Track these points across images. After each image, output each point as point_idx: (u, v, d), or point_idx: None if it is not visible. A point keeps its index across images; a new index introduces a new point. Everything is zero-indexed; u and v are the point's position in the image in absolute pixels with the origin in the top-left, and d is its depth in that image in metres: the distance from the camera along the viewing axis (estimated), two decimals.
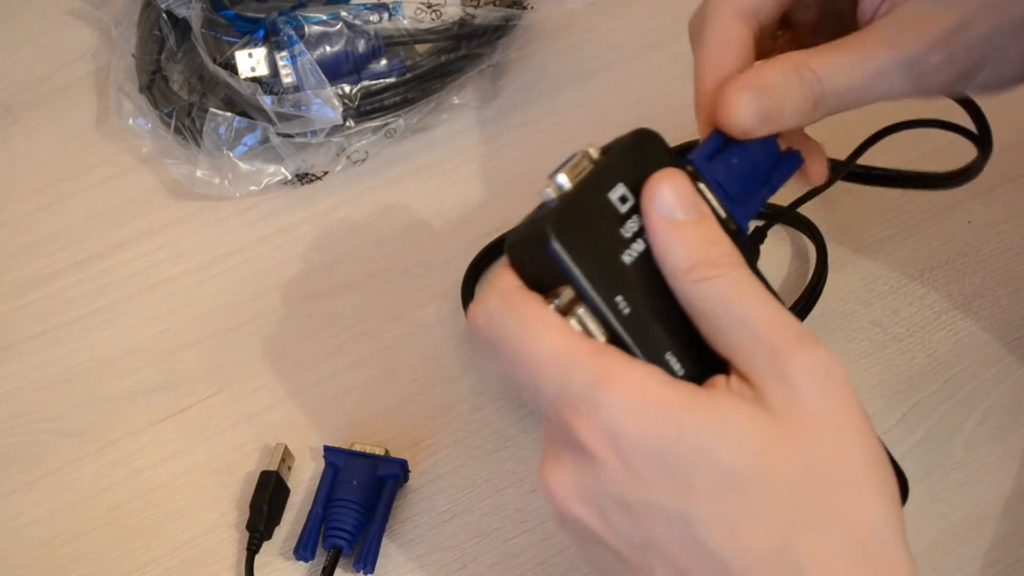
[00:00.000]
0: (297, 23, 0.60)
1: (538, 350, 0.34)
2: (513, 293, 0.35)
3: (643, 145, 0.36)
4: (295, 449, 0.53)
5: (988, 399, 0.52)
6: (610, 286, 0.34)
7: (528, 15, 0.64)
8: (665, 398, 0.33)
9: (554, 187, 0.35)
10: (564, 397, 0.33)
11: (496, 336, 0.35)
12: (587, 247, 0.34)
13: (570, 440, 0.34)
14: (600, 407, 0.33)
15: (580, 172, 0.35)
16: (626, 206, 0.35)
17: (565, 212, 0.34)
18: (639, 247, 0.35)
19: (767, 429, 0.33)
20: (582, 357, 0.33)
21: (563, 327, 0.34)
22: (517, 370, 0.35)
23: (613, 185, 0.35)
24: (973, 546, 0.49)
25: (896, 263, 0.56)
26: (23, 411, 0.56)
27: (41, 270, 0.61)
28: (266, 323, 0.58)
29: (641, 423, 0.33)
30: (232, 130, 0.61)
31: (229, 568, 0.51)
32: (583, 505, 0.34)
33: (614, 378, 0.33)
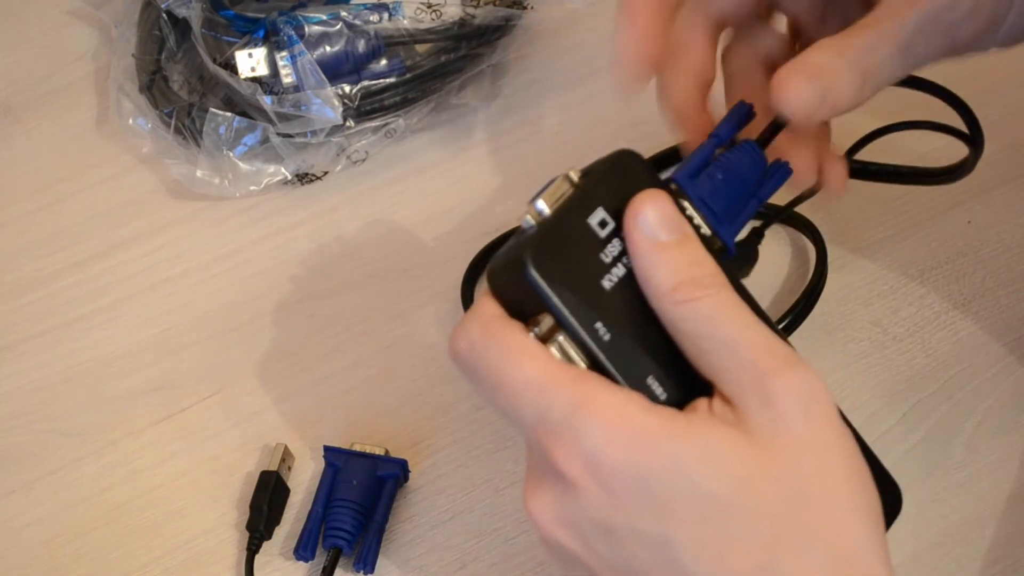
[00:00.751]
0: (297, 23, 0.60)
1: (518, 377, 0.34)
2: (493, 321, 0.35)
3: (623, 167, 0.36)
4: (295, 449, 0.53)
5: (988, 399, 0.52)
6: (590, 313, 0.34)
7: (528, 15, 0.64)
8: (645, 424, 0.33)
9: (533, 213, 0.35)
10: (544, 424, 0.34)
11: (476, 363, 0.35)
12: (566, 274, 0.34)
13: (550, 467, 0.34)
14: (580, 434, 0.33)
15: (560, 197, 0.35)
16: (606, 230, 0.35)
17: (544, 239, 0.34)
18: (619, 271, 0.35)
19: (748, 453, 0.33)
20: (561, 384, 0.34)
21: (543, 354, 0.34)
22: (497, 397, 0.35)
23: (593, 209, 0.35)
24: (973, 546, 0.49)
25: (896, 263, 0.56)
26: (23, 411, 0.56)
27: (41, 270, 0.61)
28: (266, 323, 0.58)
29: (621, 450, 0.33)
30: (232, 130, 0.61)
31: (229, 568, 0.51)
32: (565, 531, 0.34)
33: (594, 405, 0.33)
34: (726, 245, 0.38)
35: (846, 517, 0.33)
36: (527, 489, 0.35)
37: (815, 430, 0.33)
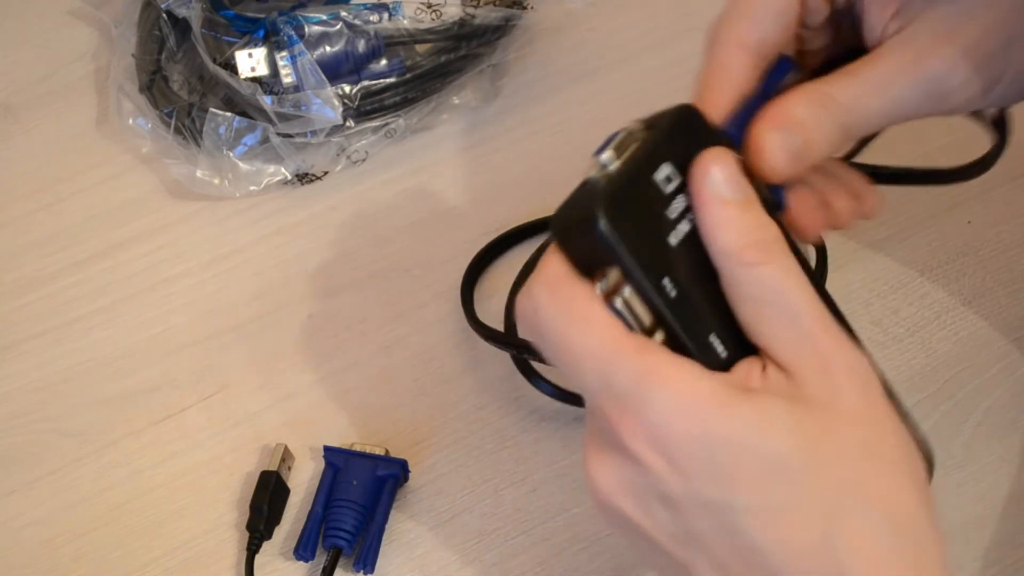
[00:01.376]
0: (297, 23, 0.60)
1: (583, 344, 0.34)
2: (559, 283, 0.35)
3: (686, 122, 0.36)
4: (295, 449, 0.53)
5: (988, 399, 0.52)
6: (657, 268, 0.34)
7: (528, 15, 0.64)
8: (709, 394, 0.33)
9: (598, 167, 0.34)
10: (608, 393, 0.34)
11: (542, 327, 0.35)
12: (635, 229, 0.34)
13: (614, 435, 0.34)
14: (644, 405, 0.33)
15: (625, 150, 0.35)
16: (671, 186, 0.35)
17: (613, 193, 0.34)
18: (684, 228, 0.35)
19: (808, 422, 0.33)
20: (626, 354, 0.33)
21: (608, 321, 0.34)
22: (562, 362, 0.35)
23: (658, 165, 0.35)
24: (973, 546, 0.49)
25: (896, 263, 0.56)
26: (23, 411, 0.56)
27: (41, 270, 0.61)
28: (266, 323, 0.58)
29: (685, 420, 0.33)
30: (232, 130, 0.61)
31: (229, 568, 0.51)
32: (626, 499, 0.35)
33: (657, 375, 0.33)
34: (777, 199, 0.38)
35: (900, 486, 0.34)
36: (588, 455, 0.35)
37: (870, 405, 0.34)
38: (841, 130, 0.39)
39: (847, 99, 0.39)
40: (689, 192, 0.35)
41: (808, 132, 0.39)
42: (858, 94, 0.39)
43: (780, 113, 0.39)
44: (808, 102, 0.39)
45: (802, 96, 0.39)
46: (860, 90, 0.39)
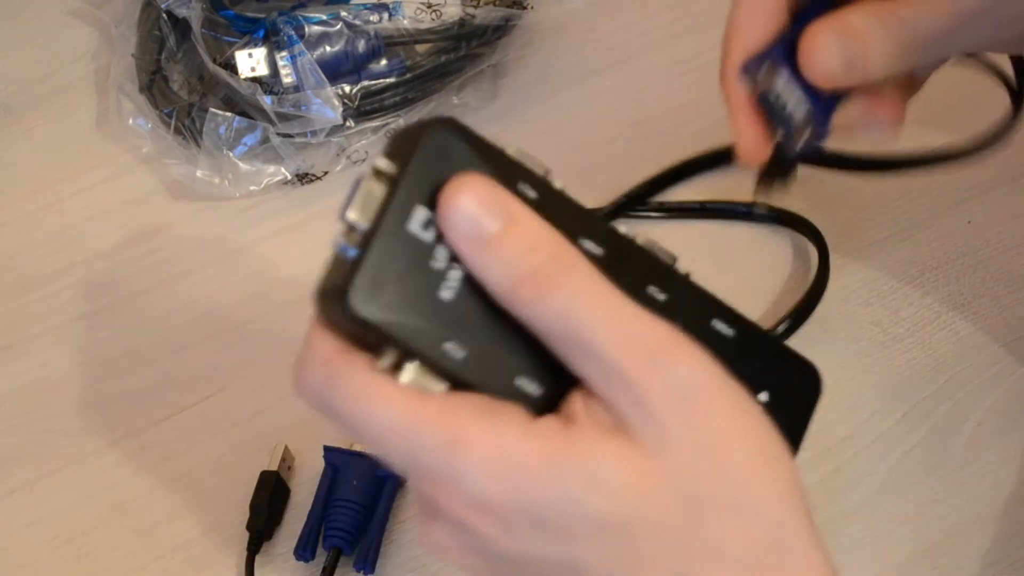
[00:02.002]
0: (297, 23, 0.60)
1: (377, 424, 0.31)
2: (334, 361, 0.31)
3: (437, 145, 0.31)
4: (295, 449, 0.53)
5: (988, 399, 0.52)
6: (436, 334, 0.31)
7: (528, 15, 0.64)
8: (522, 456, 0.30)
9: (346, 230, 0.31)
10: (418, 469, 0.31)
11: (330, 410, 0.32)
12: (398, 299, 0.30)
13: (436, 508, 0.32)
14: (460, 480, 0.30)
15: (371, 202, 0.31)
16: (431, 232, 0.31)
17: (364, 265, 0.30)
18: (456, 274, 0.31)
19: (634, 465, 0.31)
20: (425, 423, 0.30)
21: (399, 392, 0.31)
22: (363, 439, 0.32)
23: (411, 211, 0.30)
24: (973, 546, 0.49)
25: (896, 263, 0.56)
26: (23, 411, 0.56)
27: (41, 270, 0.61)
28: (266, 323, 0.58)
29: (503, 488, 0.30)
30: (232, 130, 0.61)
31: (229, 568, 0.51)
32: (473, 557, 0.33)
33: (465, 443, 0.30)
34: (819, 127, 0.36)
35: (755, 504, 0.31)
36: (422, 523, 0.33)
37: (696, 426, 0.31)
38: (899, 47, 0.37)
39: (909, 16, 0.37)
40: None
41: (865, 41, 0.37)
42: (920, 14, 0.37)
43: (838, 19, 0.37)
44: (867, 13, 0.37)
45: (863, 9, 0.38)
46: (922, 10, 0.38)
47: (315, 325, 0.33)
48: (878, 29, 0.37)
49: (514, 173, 0.32)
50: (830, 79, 0.37)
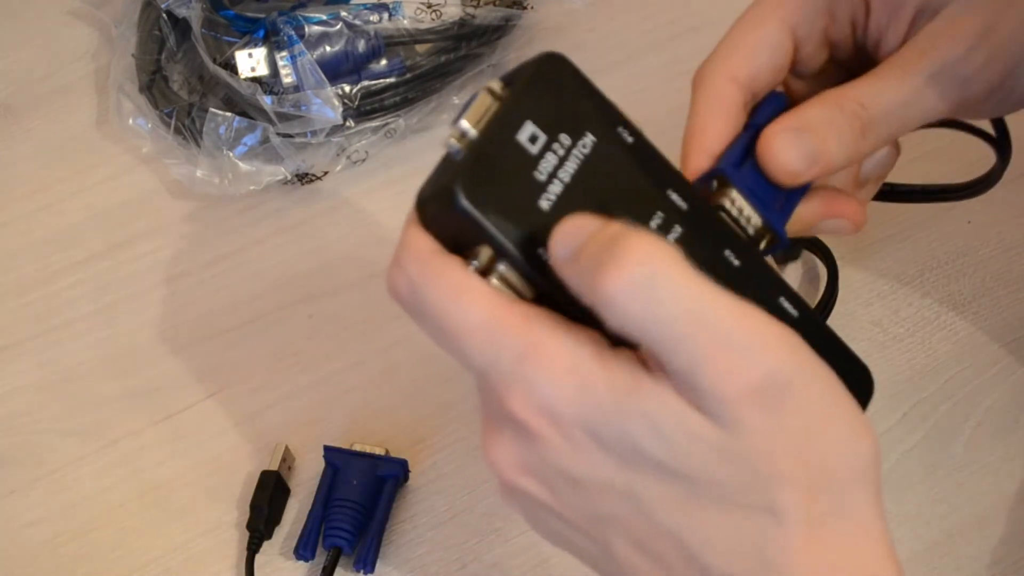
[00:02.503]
0: (297, 23, 0.60)
1: (463, 321, 0.32)
2: (431, 258, 0.33)
3: (548, 74, 0.34)
4: (295, 449, 0.53)
5: (988, 399, 0.52)
6: (530, 239, 0.32)
7: (528, 15, 0.64)
8: (592, 377, 0.31)
9: (458, 135, 0.32)
10: (495, 371, 0.32)
11: (419, 304, 0.33)
12: (501, 199, 0.32)
13: (507, 415, 0.32)
14: (531, 384, 0.31)
15: (484, 114, 0.32)
16: (537, 145, 0.33)
17: (472, 164, 0.32)
18: (556, 188, 0.33)
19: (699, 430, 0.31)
20: (509, 328, 0.32)
21: (488, 294, 0.32)
22: (443, 340, 0.33)
23: (521, 124, 0.32)
24: (973, 546, 0.49)
25: (896, 263, 0.56)
26: (23, 411, 0.56)
27: (41, 270, 0.61)
28: (266, 323, 0.58)
29: (573, 402, 0.31)
30: (232, 130, 0.61)
31: (229, 568, 0.51)
32: (531, 479, 0.33)
33: (542, 354, 0.31)
34: (778, 234, 0.36)
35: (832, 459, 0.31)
36: (485, 437, 0.34)
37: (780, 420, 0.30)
38: (860, 129, 0.38)
39: (865, 95, 0.38)
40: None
41: (823, 133, 0.37)
42: (876, 90, 0.38)
43: (793, 116, 0.38)
44: (823, 104, 0.38)
45: (817, 100, 0.38)
46: (878, 85, 0.38)
47: (411, 226, 0.34)
48: (836, 116, 0.38)
49: (614, 115, 0.34)
50: (794, 177, 0.37)
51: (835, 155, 0.38)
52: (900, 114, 0.38)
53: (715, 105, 0.40)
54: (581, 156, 0.33)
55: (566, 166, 0.33)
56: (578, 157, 0.33)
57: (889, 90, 0.38)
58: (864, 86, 0.38)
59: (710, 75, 0.40)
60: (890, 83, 0.38)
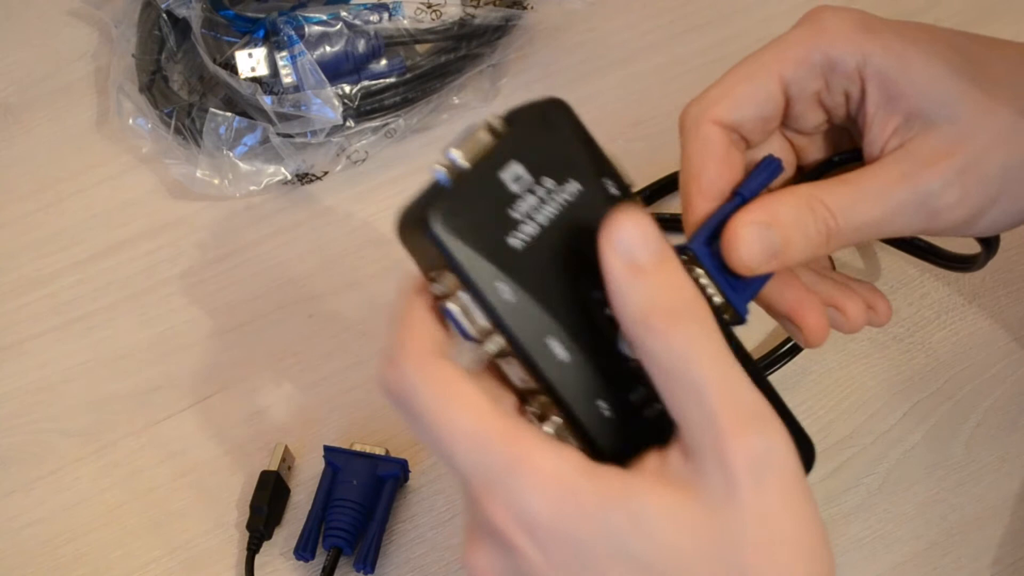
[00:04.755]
0: (297, 23, 0.60)
1: (454, 426, 0.33)
2: (425, 360, 0.34)
3: (548, 119, 0.35)
4: (295, 449, 0.53)
5: (988, 399, 0.52)
6: (493, 269, 0.33)
7: (528, 15, 0.64)
8: (576, 487, 0.32)
9: (446, 162, 0.33)
10: (479, 479, 0.33)
11: (410, 403, 0.34)
12: (471, 232, 0.33)
13: (488, 524, 0.33)
14: (514, 495, 0.32)
15: (477, 147, 0.34)
16: (519, 185, 0.34)
17: (453, 195, 0.33)
18: (530, 229, 0.34)
19: (686, 520, 0.32)
20: (497, 439, 0.33)
21: (478, 402, 0.33)
22: (431, 443, 0.34)
23: (507, 162, 0.33)
24: (973, 546, 0.49)
25: (896, 263, 0.56)
26: (23, 411, 0.56)
27: (41, 270, 0.61)
28: (266, 323, 0.58)
29: (553, 512, 0.32)
30: (232, 130, 0.61)
31: (229, 568, 0.51)
32: None
33: (528, 464, 0.32)
34: (739, 314, 0.37)
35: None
36: (467, 541, 0.35)
37: (766, 500, 0.32)
38: (826, 235, 0.38)
39: (837, 206, 0.38)
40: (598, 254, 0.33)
41: (789, 232, 0.38)
42: (850, 202, 0.39)
43: (764, 208, 0.38)
44: (796, 203, 0.38)
45: (791, 196, 0.39)
46: (852, 198, 0.39)
47: (403, 318, 0.35)
48: (806, 218, 0.38)
49: (605, 166, 0.35)
50: (749, 270, 0.38)
51: (796, 255, 0.38)
52: (869, 230, 0.39)
53: (706, 150, 0.40)
54: (562, 201, 0.34)
55: (544, 209, 0.34)
56: (559, 202, 0.34)
57: (863, 206, 0.39)
58: (839, 197, 0.39)
59: (696, 119, 0.41)
60: (866, 200, 0.39)
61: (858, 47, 0.40)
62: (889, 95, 0.40)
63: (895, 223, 0.39)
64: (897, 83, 0.39)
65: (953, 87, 0.39)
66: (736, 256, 0.38)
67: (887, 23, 0.41)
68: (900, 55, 0.39)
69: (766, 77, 0.40)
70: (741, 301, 0.37)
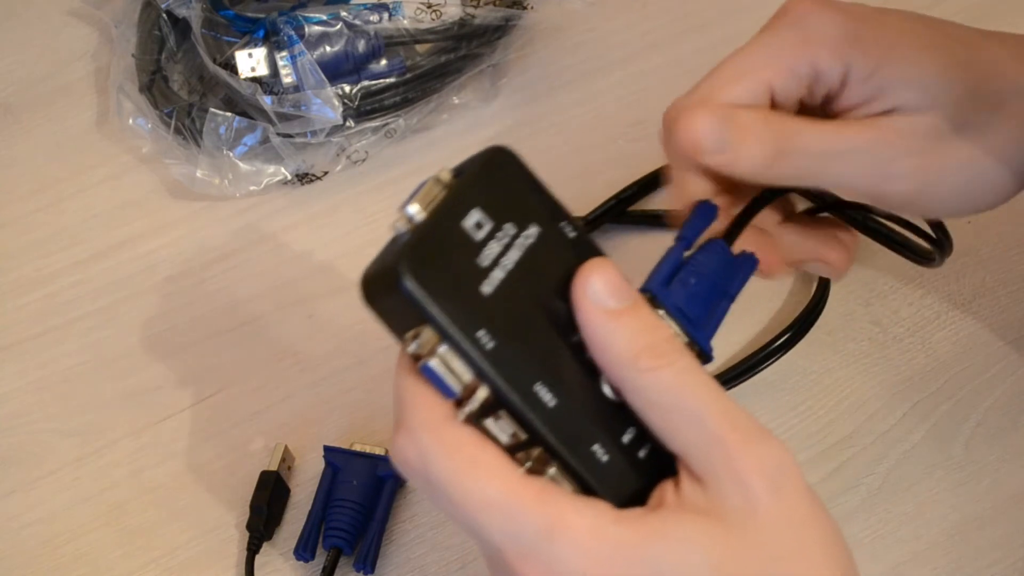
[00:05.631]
0: (297, 23, 0.60)
1: (480, 495, 0.32)
2: (443, 427, 0.33)
3: (497, 166, 0.35)
4: (295, 449, 0.53)
5: (988, 399, 0.52)
6: (471, 321, 0.32)
7: (528, 15, 0.64)
8: (619, 537, 0.32)
9: (405, 219, 0.33)
10: (512, 546, 0.32)
11: (431, 476, 0.33)
12: (444, 283, 0.32)
13: None
14: (554, 559, 0.32)
15: (432, 200, 0.33)
16: (482, 232, 0.33)
17: (418, 246, 0.33)
18: (499, 275, 0.33)
19: (724, 542, 0.32)
20: (528, 504, 0.32)
21: (504, 468, 0.33)
22: (456, 514, 0.33)
23: (467, 211, 0.33)
24: (973, 546, 0.49)
25: (896, 263, 0.56)
26: (23, 411, 0.56)
27: (41, 270, 0.61)
28: (266, 323, 0.58)
29: (601, 570, 0.32)
30: (232, 130, 0.61)
31: (229, 568, 0.51)
32: None
33: (565, 527, 0.32)
34: (704, 351, 0.37)
35: None
36: None
37: (787, 505, 0.33)
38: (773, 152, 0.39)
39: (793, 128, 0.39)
40: (572, 304, 0.34)
41: (743, 133, 0.38)
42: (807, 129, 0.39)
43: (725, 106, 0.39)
44: (755, 113, 0.39)
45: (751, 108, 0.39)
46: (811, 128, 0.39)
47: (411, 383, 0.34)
48: (760, 127, 0.39)
49: (557, 210, 0.35)
50: (694, 152, 0.38)
51: (742, 160, 0.39)
52: (817, 163, 0.39)
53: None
54: (525, 246, 0.34)
55: (509, 254, 0.34)
56: (521, 246, 0.34)
57: (818, 136, 0.39)
58: (796, 122, 0.39)
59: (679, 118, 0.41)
60: (823, 133, 0.39)
61: (843, 58, 0.40)
62: (870, 96, 0.40)
63: (844, 167, 0.39)
64: (880, 86, 0.40)
65: (937, 86, 0.39)
66: (687, 135, 0.38)
67: (872, 19, 0.41)
68: (884, 58, 0.40)
69: (755, 83, 0.40)
70: (704, 339, 0.38)
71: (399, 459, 0.34)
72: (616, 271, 0.34)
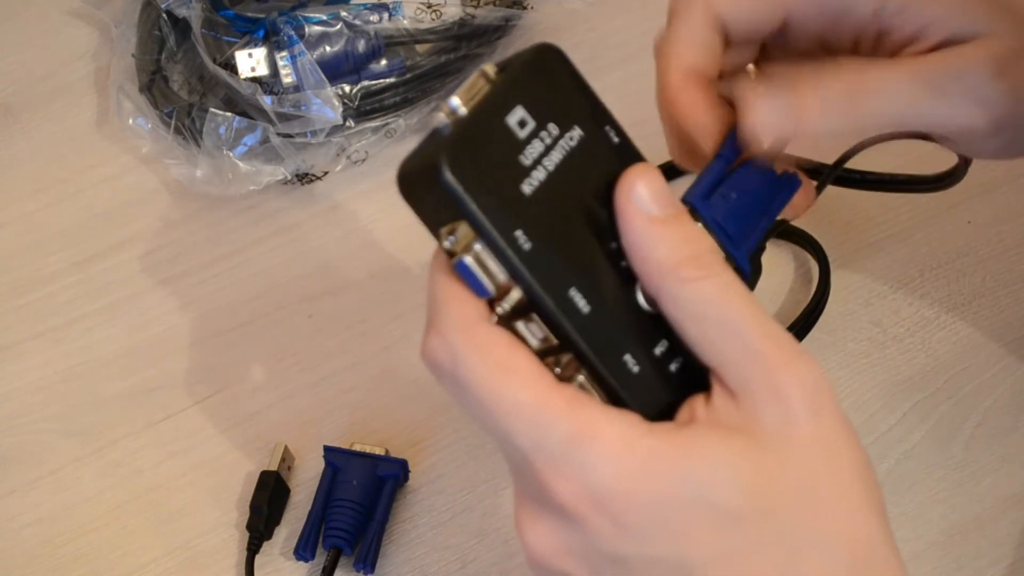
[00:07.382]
0: (297, 23, 0.60)
1: (510, 400, 0.31)
2: (476, 329, 0.32)
3: (544, 63, 0.33)
4: (295, 449, 0.53)
5: (988, 399, 0.52)
6: (510, 220, 0.31)
7: (528, 15, 0.64)
8: (651, 449, 0.31)
9: (448, 111, 0.32)
10: (540, 453, 0.31)
11: (461, 377, 0.32)
12: (484, 179, 0.31)
13: (549, 498, 0.32)
14: (583, 468, 0.31)
15: (476, 94, 0.32)
16: (525, 131, 0.32)
17: (459, 140, 0.31)
18: (539, 175, 0.32)
19: (759, 459, 0.31)
20: (558, 410, 0.31)
21: (537, 373, 0.32)
22: (485, 418, 0.32)
23: (511, 108, 0.32)
24: (973, 546, 0.49)
25: (896, 263, 0.56)
26: (23, 411, 0.56)
27: (41, 270, 0.61)
28: (266, 323, 0.58)
29: (628, 481, 0.31)
30: (232, 130, 0.61)
31: (229, 568, 0.51)
32: (572, 562, 0.33)
33: (595, 435, 0.31)
34: (741, 268, 0.37)
35: (860, 513, 0.33)
36: (520, 516, 0.33)
37: (824, 428, 0.32)
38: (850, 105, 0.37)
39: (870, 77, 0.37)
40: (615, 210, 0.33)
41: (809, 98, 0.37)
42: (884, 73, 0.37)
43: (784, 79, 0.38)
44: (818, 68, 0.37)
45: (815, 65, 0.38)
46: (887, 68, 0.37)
47: (445, 283, 0.33)
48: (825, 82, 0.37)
49: (602, 113, 0.34)
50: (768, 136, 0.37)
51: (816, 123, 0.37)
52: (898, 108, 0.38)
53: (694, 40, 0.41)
54: (567, 148, 0.33)
55: (551, 155, 0.33)
56: (564, 148, 0.33)
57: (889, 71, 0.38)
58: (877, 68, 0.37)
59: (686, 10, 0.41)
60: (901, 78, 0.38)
61: None
62: (914, 32, 0.38)
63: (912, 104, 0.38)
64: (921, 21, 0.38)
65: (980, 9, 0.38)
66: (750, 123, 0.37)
67: None
68: None
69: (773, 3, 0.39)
70: (742, 257, 0.37)
71: (429, 360, 0.33)
72: (661, 178, 0.33)
